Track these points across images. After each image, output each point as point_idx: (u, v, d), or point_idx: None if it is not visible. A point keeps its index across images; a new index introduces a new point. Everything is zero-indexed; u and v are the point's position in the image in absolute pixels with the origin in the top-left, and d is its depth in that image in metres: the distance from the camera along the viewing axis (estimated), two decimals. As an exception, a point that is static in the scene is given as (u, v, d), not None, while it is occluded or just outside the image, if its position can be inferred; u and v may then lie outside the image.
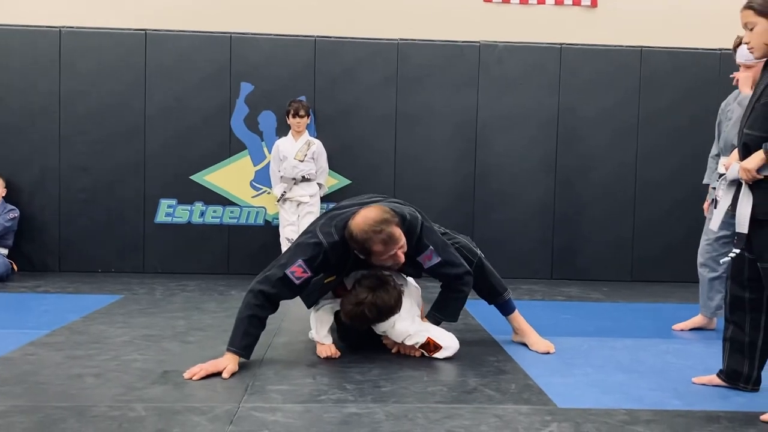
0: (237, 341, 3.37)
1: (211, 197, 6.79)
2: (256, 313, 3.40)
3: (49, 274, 6.56)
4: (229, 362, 3.30)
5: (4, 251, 6.37)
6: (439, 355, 3.64)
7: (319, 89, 6.80)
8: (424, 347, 3.66)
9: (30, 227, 6.64)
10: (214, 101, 6.75)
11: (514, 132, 6.90)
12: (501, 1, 7.37)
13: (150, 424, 2.61)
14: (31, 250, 6.67)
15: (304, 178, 6.32)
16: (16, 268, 6.42)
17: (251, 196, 6.82)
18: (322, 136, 6.63)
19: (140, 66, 6.70)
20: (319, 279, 3.60)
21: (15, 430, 2.55)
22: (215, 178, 6.79)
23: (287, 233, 6.31)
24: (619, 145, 6.95)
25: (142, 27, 6.76)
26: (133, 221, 6.75)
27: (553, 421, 2.74)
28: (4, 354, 3.58)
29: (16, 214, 6.45)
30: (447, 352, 3.65)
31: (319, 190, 6.42)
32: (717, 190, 3.90)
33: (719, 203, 3.17)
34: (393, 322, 3.62)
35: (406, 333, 3.65)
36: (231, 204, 6.81)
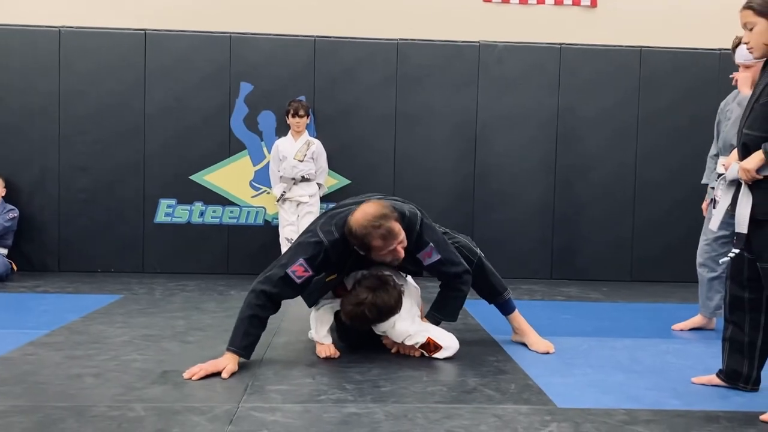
0: (237, 341, 3.37)
1: (211, 197, 6.79)
2: (257, 313, 3.40)
3: (48, 273, 6.55)
4: (228, 362, 3.30)
5: (4, 251, 6.37)
6: (439, 355, 3.64)
7: (319, 89, 6.80)
8: (424, 347, 3.66)
9: (29, 227, 6.64)
10: (214, 101, 6.75)
11: (514, 132, 6.90)
12: (500, 1, 7.37)
13: (149, 424, 2.61)
14: (31, 250, 6.67)
15: (304, 178, 6.32)
16: (15, 268, 6.42)
17: (251, 196, 6.82)
18: (321, 136, 6.63)
19: (140, 66, 6.70)
20: (321, 278, 3.61)
21: (14, 430, 2.55)
22: (215, 178, 6.79)
23: (287, 233, 6.31)
24: (618, 145, 6.95)
25: (142, 27, 6.76)
26: (133, 221, 6.75)
27: (553, 421, 2.74)
28: (4, 354, 3.58)
29: (16, 214, 6.45)
30: (447, 352, 3.65)
31: (318, 190, 6.42)
32: (716, 189, 3.89)
33: (719, 203, 3.17)
34: (393, 322, 3.62)
35: (406, 333, 3.65)
36: (230, 204, 6.81)
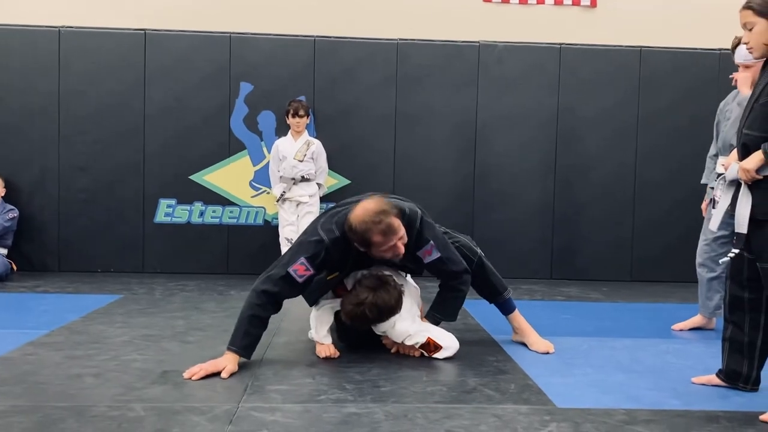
0: (237, 341, 3.36)
1: (211, 197, 6.79)
2: (258, 313, 3.40)
3: (48, 273, 6.55)
4: (228, 362, 3.30)
5: (4, 251, 6.37)
6: (439, 355, 3.64)
7: (319, 89, 6.80)
8: (424, 347, 3.65)
9: (29, 227, 6.64)
10: (214, 101, 6.75)
11: (514, 132, 6.90)
12: (500, 1, 7.37)
13: (149, 424, 2.61)
14: (31, 250, 6.67)
15: (304, 178, 6.32)
16: (15, 268, 6.42)
17: (251, 196, 6.82)
18: (321, 136, 6.63)
19: (140, 66, 6.70)
20: (322, 277, 3.61)
21: (14, 430, 2.55)
22: (215, 178, 6.79)
23: (286, 233, 6.31)
24: (618, 145, 6.95)
25: (142, 27, 6.76)
26: (133, 221, 6.75)
27: (552, 421, 2.74)
28: (4, 354, 3.58)
29: (16, 213, 6.45)
30: (447, 353, 3.64)
31: (318, 190, 6.42)
32: (715, 189, 3.90)
33: (718, 203, 3.17)
34: (393, 322, 3.62)
35: (407, 333, 3.65)
36: (230, 204, 6.81)
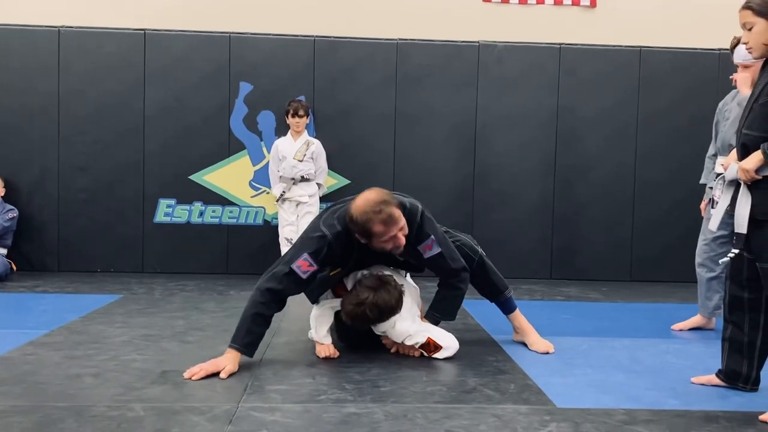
0: (239, 338, 3.36)
1: (210, 197, 6.79)
2: (261, 311, 3.40)
3: (48, 273, 6.55)
4: (228, 362, 3.29)
5: (3, 251, 6.37)
6: (439, 355, 3.64)
7: (319, 89, 6.80)
8: (424, 347, 3.65)
9: (29, 227, 6.64)
10: (214, 101, 6.75)
11: (514, 132, 6.90)
12: (500, 1, 7.37)
13: (149, 424, 2.61)
14: (30, 250, 6.67)
15: (303, 178, 6.32)
16: (15, 268, 6.42)
17: (250, 196, 6.82)
18: (321, 136, 6.63)
19: (139, 66, 6.70)
20: (325, 273, 3.60)
21: (14, 430, 2.55)
22: (214, 177, 6.79)
23: (286, 233, 6.31)
24: (618, 145, 6.95)
25: (142, 27, 6.76)
26: (132, 221, 6.75)
27: (552, 421, 2.74)
28: (3, 354, 3.58)
29: (15, 213, 6.45)
30: (447, 353, 3.64)
31: (318, 190, 6.42)
32: (714, 189, 3.89)
33: (718, 203, 3.17)
34: (393, 322, 3.62)
35: (407, 333, 3.65)
36: (230, 204, 6.81)
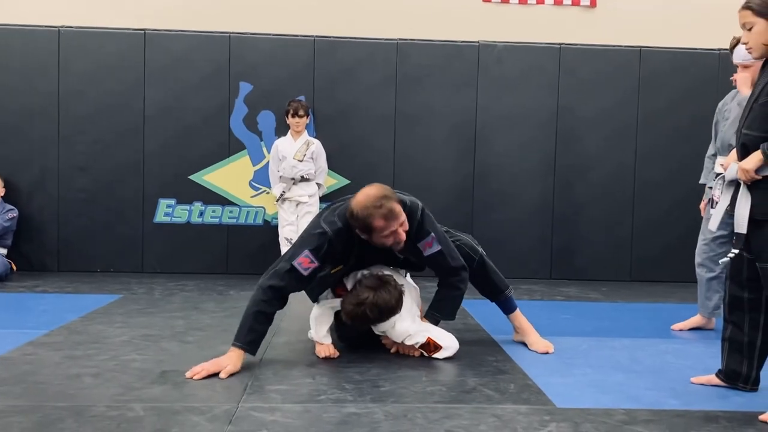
0: (242, 336, 3.36)
1: (210, 197, 6.79)
2: (263, 309, 3.40)
3: (47, 273, 6.55)
4: (230, 361, 3.29)
5: (3, 251, 6.37)
6: (439, 355, 3.64)
7: (319, 89, 6.80)
8: (423, 347, 3.65)
9: (29, 227, 6.64)
10: (213, 101, 6.75)
11: (514, 132, 6.90)
12: (500, 1, 7.37)
13: (148, 424, 2.61)
14: (30, 250, 6.67)
15: (303, 178, 6.32)
16: (15, 268, 6.42)
17: (250, 196, 6.82)
18: (321, 136, 6.63)
19: (139, 66, 6.70)
20: (326, 272, 3.60)
21: (13, 429, 2.55)
22: (214, 177, 6.79)
23: (286, 233, 6.31)
24: (618, 145, 6.95)
25: (142, 27, 6.76)
26: (132, 221, 6.75)
27: (552, 421, 2.74)
28: (3, 354, 3.58)
29: (15, 213, 6.45)
30: (447, 353, 3.64)
31: (318, 190, 6.42)
32: (714, 189, 3.89)
33: (718, 203, 3.17)
34: (393, 322, 3.62)
35: (407, 333, 3.65)
36: (230, 204, 6.81)
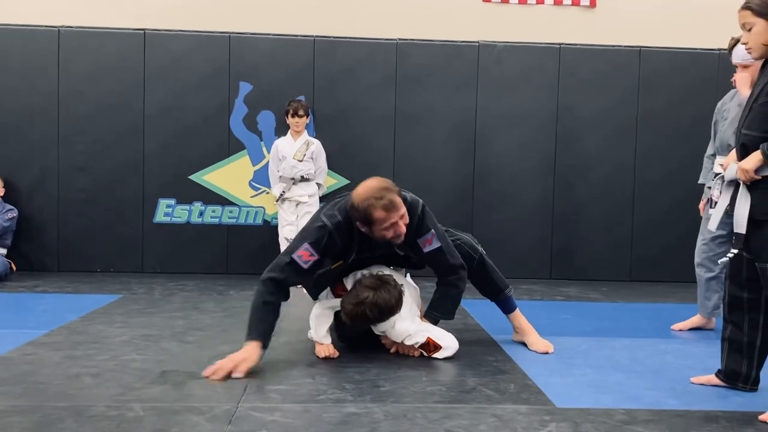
0: (253, 328, 3.36)
1: (210, 197, 6.79)
2: (268, 300, 3.41)
3: (47, 273, 6.55)
4: (247, 354, 3.25)
5: (3, 251, 6.37)
6: (439, 355, 3.64)
7: (318, 89, 6.80)
8: (423, 347, 3.65)
9: (29, 227, 6.64)
10: (213, 101, 6.75)
11: (514, 132, 6.90)
12: (500, 1, 7.37)
13: (148, 424, 2.61)
14: (30, 250, 6.67)
15: (303, 178, 6.32)
16: (14, 268, 6.42)
17: (250, 196, 6.82)
18: (321, 136, 6.63)
19: (139, 66, 6.70)
20: (326, 268, 3.60)
21: (13, 429, 2.55)
22: (214, 177, 6.79)
23: (286, 233, 6.31)
24: (617, 145, 6.95)
25: (141, 27, 6.76)
26: (132, 221, 6.75)
27: (552, 421, 2.74)
28: (3, 354, 3.58)
29: (15, 213, 6.45)
30: (446, 352, 3.65)
31: (318, 190, 6.42)
32: (713, 189, 3.90)
33: (717, 203, 3.17)
34: (393, 322, 3.62)
35: (406, 333, 3.65)
36: (230, 204, 6.81)
